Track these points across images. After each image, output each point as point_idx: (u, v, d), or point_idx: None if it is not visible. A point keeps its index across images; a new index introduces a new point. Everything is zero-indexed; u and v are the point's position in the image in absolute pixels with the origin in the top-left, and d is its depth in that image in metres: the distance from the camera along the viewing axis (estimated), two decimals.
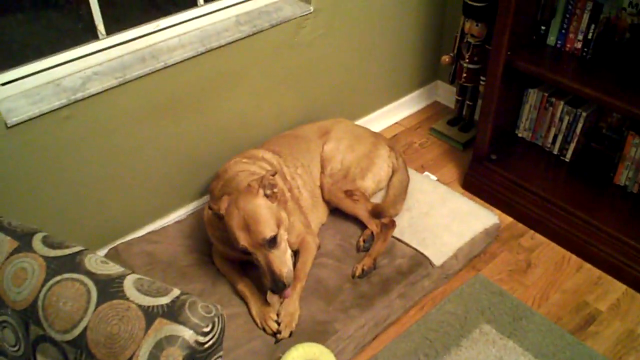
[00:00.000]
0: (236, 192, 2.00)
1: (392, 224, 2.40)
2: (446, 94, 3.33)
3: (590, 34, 2.36)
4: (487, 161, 2.69)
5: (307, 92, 2.75)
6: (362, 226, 2.42)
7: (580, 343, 2.13)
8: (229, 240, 2.00)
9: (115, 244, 2.39)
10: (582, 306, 2.27)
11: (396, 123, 3.24)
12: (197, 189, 2.60)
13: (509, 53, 2.39)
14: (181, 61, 2.23)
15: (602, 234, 2.39)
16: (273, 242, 1.92)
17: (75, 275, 1.34)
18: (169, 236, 2.43)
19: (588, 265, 2.42)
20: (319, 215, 2.45)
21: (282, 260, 1.93)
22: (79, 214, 2.26)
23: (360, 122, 3.06)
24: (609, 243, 2.37)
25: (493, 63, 2.43)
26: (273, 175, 1.98)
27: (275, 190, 1.99)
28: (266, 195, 1.96)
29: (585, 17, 2.34)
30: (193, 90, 2.34)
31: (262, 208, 1.93)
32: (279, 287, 1.91)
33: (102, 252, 2.39)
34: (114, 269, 1.39)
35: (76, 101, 2.04)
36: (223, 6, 2.42)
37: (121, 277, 1.35)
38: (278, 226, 1.94)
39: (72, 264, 1.37)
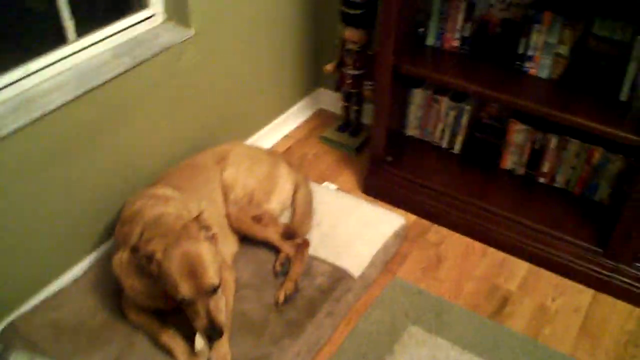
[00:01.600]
0: (172, 235, 1.86)
1: (306, 243, 2.37)
2: (330, 100, 3.36)
3: (466, 32, 2.47)
4: (384, 164, 2.75)
5: (196, 117, 2.65)
6: (275, 251, 2.36)
7: (500, 326, 2.25)
8: (153, 290, 1.87)
9: (10, 319, 2.13)
10: (494, 290, 2.40)
11: (286, 136, 3.21)
12: (92, 241, 2.39)
13: (394, 59, 2.44)
14: (60, 106, 2.04)
15: (498, 217, 2.54)
16: (216, 289, 1.83)
17: None
18: (69, 299, 2.19)
19: (491, 249, 2.56)
20: (230, 246, 2.36)
21: (220, 307, 1.84)
22: None
23: (251, 139, 3.01)
24: (506, 225, 2.52)
25: (380, 69, 2.48)
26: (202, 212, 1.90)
27: (211, 232, 1.91)
28: (206, 238, 1.88)
29: (460, 16, 2.45)
30: (78, 133, 2.16)
31: (207, 253, 1.84)
32: (218, 334, 1.82)
33: None
34: None
35: None
36: (97, 39, 2.24)
37: None
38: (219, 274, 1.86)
39: None
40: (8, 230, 2.06)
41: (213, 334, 1.82)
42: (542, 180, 2.64)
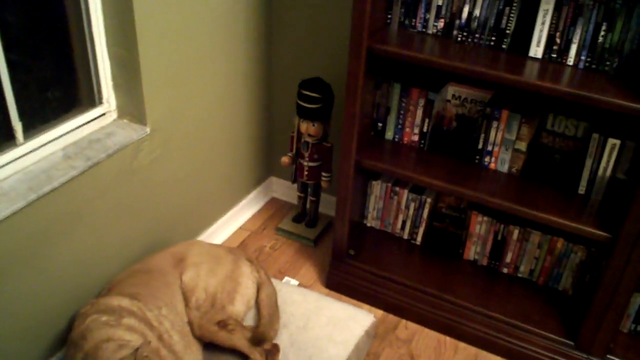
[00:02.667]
0: None
1: (276, 349, 2.23)
2: (281, 188, 3.30)
3: (425, 127, 2.51)
4: (347, 257, 2.68)
5: (150, 216, 2.50)
6: (242, 357, 2.20)
7: None
8: None
9: None
10: None
11: (240, 228, 3.10)
12: (38, 357, 2.15)
13: (357, 155, 2.42)
14: (8, 216, 1.85)
15: (465, 310, 2.51)
16: None
17: None
18: None
19: (463, 344, 2.51)
20: (193, 355, 2.18)
21: None
22: None
23: (204, 234, 2.88)
24: (474, 319, 2.49)
25: (344, 165, 2.45)
26: (148, 345, 1.76)
27: None
28: None
29: (419, 112, 2.48)
30: (23, 244, 1.94)
31: None
32: None
33: None
34: None
35: None
36: (47, 140, 2.09)
37: None
38: None
39: None
40: None
41: None
42: (505, 270, 2.65)
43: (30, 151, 2.04)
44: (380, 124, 2.58)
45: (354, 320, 2.42)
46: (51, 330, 2.16)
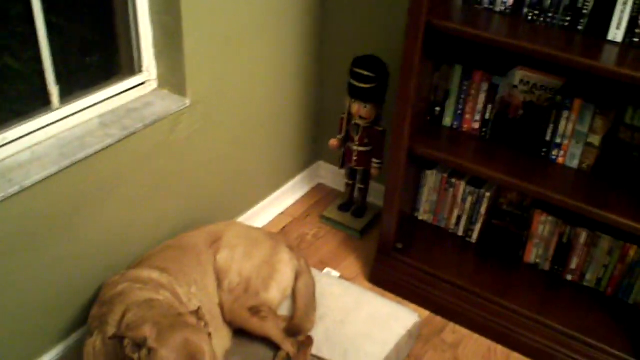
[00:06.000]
0: (166, 321, 1.63)
1: (310, 341, 2.11)
2: (329, 174, 3.15)
3: (488, 114, 2.30)
4: (394, 251, 2.50)
5: (187, 193, 2.40)
6: (273, 347, 2.08)
7: None
8: None
9: None
10: None
11: (282, 213, 2.97)
12: (64, 328, 2.09)
13: (410, 140, 2.25)
14: (40, 180, 1.79)
15: (522, 318, 2.30)
16: None
17: None
18: None
19: (516, 355, 2.30)
20: (222, 340, 2.07)
21: None
22: None
23: (244, 216, 2.76)
24: (531, 328, 2.28)
25: (395, 150, 2.27)
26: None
27: (208, 329, 1.70)
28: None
29: (482, 97, 2.28)
30: (56, 211, 1.90)
31: (208, 345, 1.61)
32: None
33: None
34: None
35: None
36: (83, 107, 2.01)
37: None
38: None
39: None
40: None
41: None
42: (569, 277, 2.42)
43: (66, 117, 1.98)
44: (437, 109, 2.39)
45: (396, 318, 2.25)
46: (78, 299, 2.11)
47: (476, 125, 2.34)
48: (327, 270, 2.60)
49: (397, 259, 2.50)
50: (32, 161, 1.83)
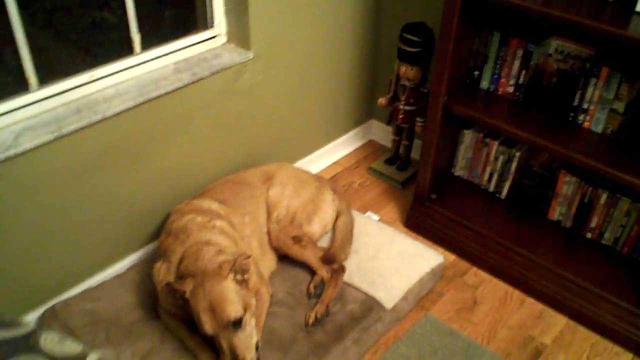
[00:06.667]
0: (202, 274, 1.93)
1: (342, 269, 2.39)
2: (380, 132, 3.40)
3: (522, 79, 2.48)
4: (428, 200, 2.75)
5: (247, 136, 2.72)
6: (311, 272, 2.40)
7: None
8: (182, 309, 1.95)
9: (52, 304, 2.24)
10: (528, 341, 2.34)
11: (335, 163, 3.26)
12: (137, 241, 2.49)
13: (446, 98, 2.46)
14: (119, 112, 2.15)
15: (540, 268, 2.49)
16: (238, 324, 1.87)
17: (31, 357, 1.24)
18: (109, 292, 2.31)
19: (530, 300, 2.51)
20: (268, 263, 2.41)
21: (247, 345, 1.87)
22: (11, 273, 2.11)
23: (299, 163, 3.06)
24: (548, 277, 2.47)
25: (432, 108, 2.50)
26: (247, 259, 1.94)
27: (246, 276, 1.95)
28: (237, 281, 1.92)
29: (516, 63, 2.46)
30: (132, 140, 2.26)
31: (229, 291, 1.89)
32: None
33: (37, 312, 2.23)
34: (72, 347, 1.29)
35: (8, 158, 1.91)
36: (161, 54, 2.36)
37: (82, 356, 1.26)
38: (245, 310, 1.89)
39: (27, 345, 1.26)
40: (62, 223, 2.17)
41: None
42: (589, 235, 2.58)
43: (145, 61, 2.33)
44: (476, 73, 2.58)
45: (422, 257, 2.51)
46: (148, 221, 2.49)
47: (510, 89, 2.52)
48: (368, 213, 2.87)
49: (431, 207, 2.74)
50: (114, 97, 2.18)
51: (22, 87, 2.04)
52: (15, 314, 2.14)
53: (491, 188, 2.81)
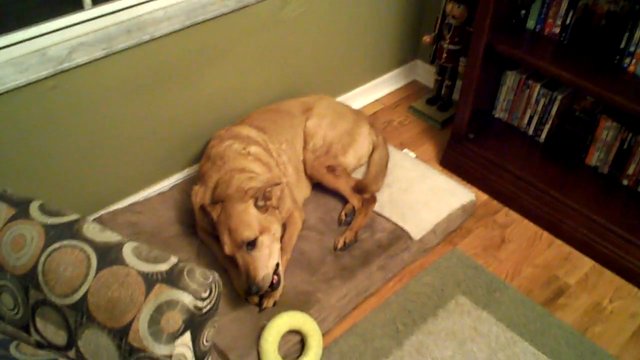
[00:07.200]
0: (228, 199, 2.05)
1: (373, 200, 2.47)
2: (425, 73, 3.39)
3: (569, 20, 2.43)
4: (465, 140, 2.77)
5: (290, 67, 2.78)
6: (343, 200, 2.48)
7: (550, 314, 2.24)
8: (215, 229, 2.08)
9: (100, 214, 2.41)
10: (552, 280, 2.38)
11: (376, 101, 3.29)
12: (181, 162, 2.62)
13: (489, 36, 2.45)
14: (167, 34, 2.24)
15: (572, 211, 2.50)
16: (252, 245, 1.97)
17: (74, 242, 1.37)
18: (152, 207, 2.46)
19: (559, 242, 2.53)
20: (303, 189, 2.50)
21: (260, 264, 1.97)
22: (63, 184, 2.27)
23: (341, 98, 3.11)
24: (579, 220, 2.48)
25: (474, 45, 2.49)
26: (277, 185, 2.06)
27: (269, 202, 2.05)
28: (257, 206, 2.02)
29: (564, 3, 2.41)
30: (178, 63, 2.35)
31: (245, 213, 2.00)
32: (252, 290, 1.95)
33: None
34: (112, 236, 1.42)
35: (62, 71, 2.04)
36: None
37: (119, 245, 1.39)
38: (261, 232, 1.99)
39: (71, 231, 1.40)
40: (110, 139, 2.31)
41: (247, 288, 1.95)
42: (625, 182, 2.56)
43: None
44: (523, 12, 2.55)
45: (453, 194, 2.55)
46: (192, 143, 2.61)
47: (556, 30, 2.48)
48: (405, 150, 2.91)
49: (468, 147, 2.76)
50: (163, 19, 2.26)
51: (77, 5, 2.14)
52: None
53: (530, 131, 2.80)
